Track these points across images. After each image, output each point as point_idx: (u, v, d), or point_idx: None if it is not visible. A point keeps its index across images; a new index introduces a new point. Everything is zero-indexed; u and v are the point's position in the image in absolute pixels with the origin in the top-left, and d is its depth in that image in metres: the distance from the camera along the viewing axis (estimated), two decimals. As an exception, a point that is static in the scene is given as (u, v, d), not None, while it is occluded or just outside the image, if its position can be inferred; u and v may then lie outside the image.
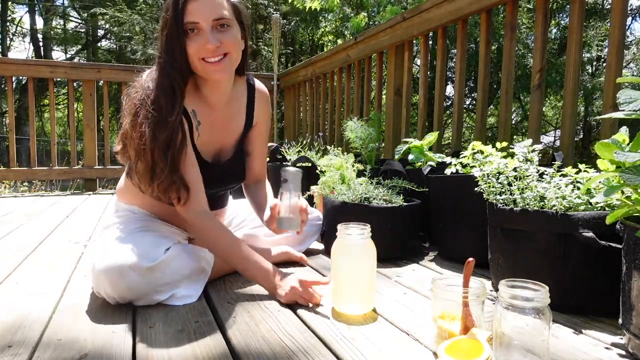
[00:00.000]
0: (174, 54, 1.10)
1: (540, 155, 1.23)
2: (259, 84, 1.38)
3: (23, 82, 11.49)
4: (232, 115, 1.31)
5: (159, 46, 1.14)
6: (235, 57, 1.16)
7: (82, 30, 15.08)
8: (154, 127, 1.08)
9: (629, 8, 1.58)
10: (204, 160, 1.26)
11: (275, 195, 1.30)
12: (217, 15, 1.10)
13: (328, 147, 2.20)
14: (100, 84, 4.07)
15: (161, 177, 1.09)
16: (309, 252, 1.65)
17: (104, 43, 14.78)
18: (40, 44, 15.10)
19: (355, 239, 1.04)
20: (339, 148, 2.27)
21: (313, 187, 1.90)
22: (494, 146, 1.38)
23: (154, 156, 1.08)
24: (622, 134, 0.96)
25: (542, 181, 1.15)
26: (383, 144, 2.84)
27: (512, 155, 1.26)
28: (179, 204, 1.15)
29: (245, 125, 1.35)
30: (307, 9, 6.79)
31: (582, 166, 1.16)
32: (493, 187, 1.22)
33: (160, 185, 1.10)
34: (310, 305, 1.10)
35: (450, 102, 8.78)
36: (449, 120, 9.36)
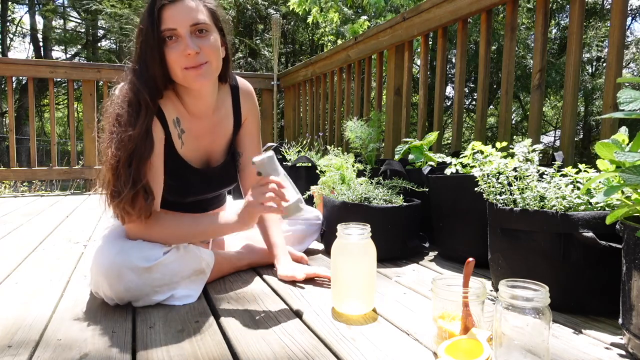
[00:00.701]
0: (147, 63, 1.07)
1: (540, 155, 1.23)
2: (241, 82, 1.35)
3: (23, 82, 11.50)
4: (220, 122, 1.29)
5: (133, 57, 1.11)
6: (215, 65, 1.13)
7: (82, 30, 15.09)
8: (117, 143, 1.05)
9: (629, 8, 1.58)
10: (193, 167, 1.25)
11: None
12: (194, 21, 1.07)
13: (328, 147, 2.20)
14: (100, 84, 4.07)
15: (124, 192, 1.05)
16: (309, 252, 1.65)
17: (104, 43, 14.79)
18: (41, 44, 15.11)
19: (355, 239, 1.04)
20: (339, 148, 2.27)
21: (313, 187, 1.90)
22: (494, 146, 1.38)
23: (118, 171, 1.05)
24: (622, 134, 0.96)
25: (542, 181, 1.15)
26: (383, 144, 2.84)
27: (512, 155, 1.26)
28: (141, 215, 1.10)
29: (234, 125, 1.33)
30: (300, 11, 6.79)
31: (582, 166, 1.16)
32: (493, 187, 1.22)
33: (125, 200, 1.05)
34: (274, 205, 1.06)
35: (450, 102, 8.78)
36: (449, 120, 9.37)
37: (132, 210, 1.07)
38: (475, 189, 1.28)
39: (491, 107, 9.37)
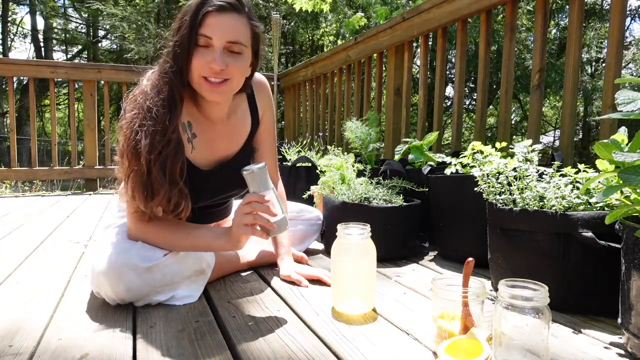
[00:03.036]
0: (179, 59, 1.06)
1: (540, 155, 1.23)
2: (256, 77, 1.32)
3: (24, 83, 11.51)
4: (236, 126, 1.27)
5: (167, 49, 1.10)
6: (235, 84, 1.13)
7: (83, 30, 15.10)
8: (151, 137, 1.03)
9: (628, 8, 1.58)
10: (203, 171, 1.21)
11: (289, 197, 1.20)
12: (232, 38, 1.06)
13: (328, 147, 2.20)
14: (101, 84, 4.08)
15: (160, 192, 1.04)
16: (309, 252, 1.65)
17: (105, 43, 14.80)
18: (41, 44, 15.12)
19: (355, 239, 1.04)
20: (339, 148, 2.27)
21: (313, 187, 1.90)
22: (493, 146, 1.38)
23: (151, 169, 1.03)
24: (621, 134, 0.97)
25: (542, 181, 1.16)
26: (383, 144, 2.84)
27: (511, 155, 1.26)
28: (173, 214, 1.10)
29: (252, 124, 1.31)
30: (301, 10, 6.78)
31: (581, 166, 1.16)
32: (493, 187, 1.22)
33: (161, 201, 1.05)
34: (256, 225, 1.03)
35: (450, 102, 8.79)
36: (449, 121, 9.37)
37: (170, 209, 1.06)
38: (475, 189, 1.28)
39: (491, 107, 9.37)
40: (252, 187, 1.04)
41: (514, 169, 1.20)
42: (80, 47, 15.32)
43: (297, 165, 2.33)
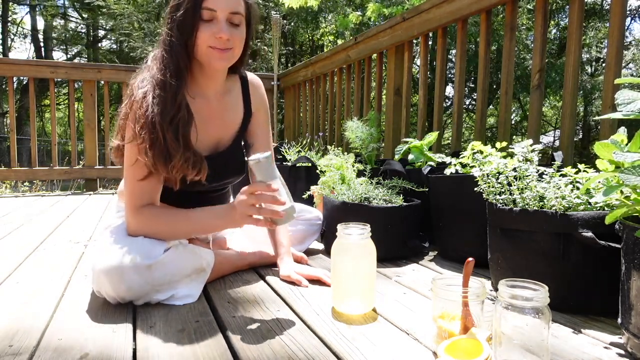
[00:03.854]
0: (185, 35, 1.13)
1: (540, 155, 1.23)
2: (251, 76, 1.40)
3: (24, 83, 11.51)
4: (228, 107, 1.32)
5: (167, 25, 1.15)
6: (236, 53, 1.20)
7: (83, 30, 15.10)
8: (163, 105, 1.10)
9: (628, 8, 1.58)
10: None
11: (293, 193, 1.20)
12: (233, 9, 1.13)
13: (328, 147, 2.20)
14: (101, 84, 4.08)
15: (176, 156, 1.10)
16: (309, 252, 1.65)
17: (105, 43, 14.80)
18: (41, 44, 15.12)
19: (355, 239, 1.04)
20: (339, 148, 2.27)
21: (313, 187, 1.90)
22: (493, 146, 1.38)
23: (165, 135, 1.09)
24: (621, 134, 0.97)
25: (542, 181, 1.16)
26: (383, 144, 2.84)
27: (511, 155, 1.26)
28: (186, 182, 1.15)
29: (245, 115, 1.35)
30: (292, 8, 6.76)
31: (581, 166, 1.16)
32: (493, 187, 1.22)
33: (177, 163, 1.10)
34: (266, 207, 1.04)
35: (450, 102, 8.79)
36: (449, 121, 9.36)
37: (190, 170, 1.12)
38: (475, 189, 1.28)
39: (491, 107, 9.37)
40: (258, 176, 1.04)
41: (514, 169, 1.20)
42: (80, 47, 15.32)
43: (297, 165, 2.33)
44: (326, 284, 1.26)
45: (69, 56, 15.83)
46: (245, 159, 1.38)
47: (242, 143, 1.38)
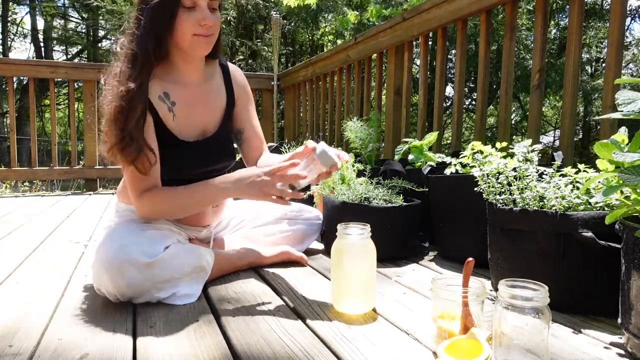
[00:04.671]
0: (155, 23, 1.13)
1: (540, 155, 1.23)
2: (232, 66, 1.42)
3: (24, 83, 11.50)
4: (211, 92, 1.33)
5: (138, 10, 1.15)
6: (216, 37, 1.22)
7: (83, 30, 15.10)
8: (114, 96, 1.12)
9: (628, 8, 1.58)
10: (186, 142, 1.27)
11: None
12: None
13: (328, 147, 2.20)
14: (101, 84, 4.07)
15: (114, 140, 1.10)
16: (309, 252, 1.65)
17: (105, 43, 14.79)
18: (41, 44, 15.12)
19: (355, 239, 1.04)
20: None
21: (313, 187, 1.90)
22: (493, 146, 1.38)
23: (115, 120, 1.10)
24: (621, 134, 0.97)
25: (542, 181, 1.16)
26: (383, 144, 2.84)
27: (511, 155, 1.26)
28: (135, 173, 1.15)
29: (228, 100, 1.37)
30: (291, 7, 6.75)
31: (581, 166, 1.16)
32: (493, 187, 1.22)
33: (125, 149, 1.11)
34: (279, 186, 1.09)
35: (450, 102, 8.78)
36: (449, 121, 9.36)
37: (125, 158, 1.12)
38: (475, 189, 1.28)
39: (491, 107, 9.36)
40: (322, 163, 1.07)
41: (514, 169, 1.20)
42: (80, 47, 15.32)
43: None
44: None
45: (69, 56, 15.83)
46: (239, 146, 1.42)
47: (230, 129, 1.40)
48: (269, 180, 1.09)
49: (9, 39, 15.35)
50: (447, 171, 1.50)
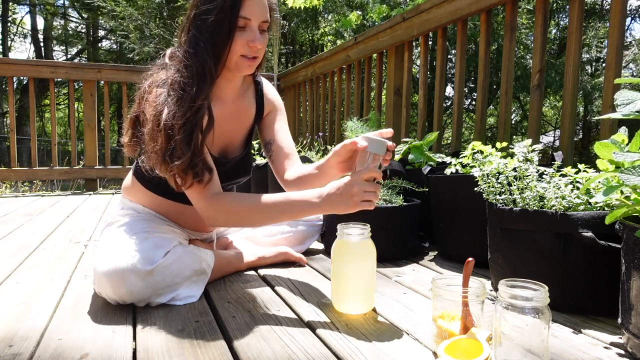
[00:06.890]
0: (217, 39, 1.10)
1: (540, 155, 1.23)
2: (265, 81, 1.41)
3: (24, 83, 11.51)
4: (241, 109, 1.32)
5: (192, 25, 1.11)
6: (260, 60, 1.20)
7: (83, 30, 15.10)
8: (177, 106, 1.06)
9: (628, 8, 1.58)
10: (211, 155, 1.23)
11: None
12: (265, 18, 1.13)
13: (328, 147, 2.20)
14: (101, 84, 4.08)
15: (182, 159, 1.05)
16: (309, 253, 1.65)
17: (105, 43, 14.80)
18: (41, 44, 15.12)
19: (355, 239, 1.04)
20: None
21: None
22: (493, 146, 1.38)
23: (174, 136, 1.05)
24: (621, 134, 0.97)
25: (542, 181, 1.16)
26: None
27: (511, 155, 1.26)
28: (198, 185, 1.11)
29: (256, 117, 1.36)
30: (296, 8, 6.75)
31: (581, 166, 1.16)
32: (493, 187, 1.22)
33: (180, 167, 1.06)
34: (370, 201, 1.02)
35: (450, 102, 8.79)
36: (449, 121, 9.37)
37: (186, 176, 1.07)
38: (475, 189, 1.28)
39: (491, 107, 9.37)
40: (373, 149, 1.03)
41: (514, 169, 1.20)
42: (80, 47, 15.33)
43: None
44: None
45: (69, 56, 15.83)
46: (269, 159, 1.39)
47: (251, 146, 1.39)
48: (364, 187, 1.01)
49: (9, 39, 15.35)
50: (447, 171, 1.50)
